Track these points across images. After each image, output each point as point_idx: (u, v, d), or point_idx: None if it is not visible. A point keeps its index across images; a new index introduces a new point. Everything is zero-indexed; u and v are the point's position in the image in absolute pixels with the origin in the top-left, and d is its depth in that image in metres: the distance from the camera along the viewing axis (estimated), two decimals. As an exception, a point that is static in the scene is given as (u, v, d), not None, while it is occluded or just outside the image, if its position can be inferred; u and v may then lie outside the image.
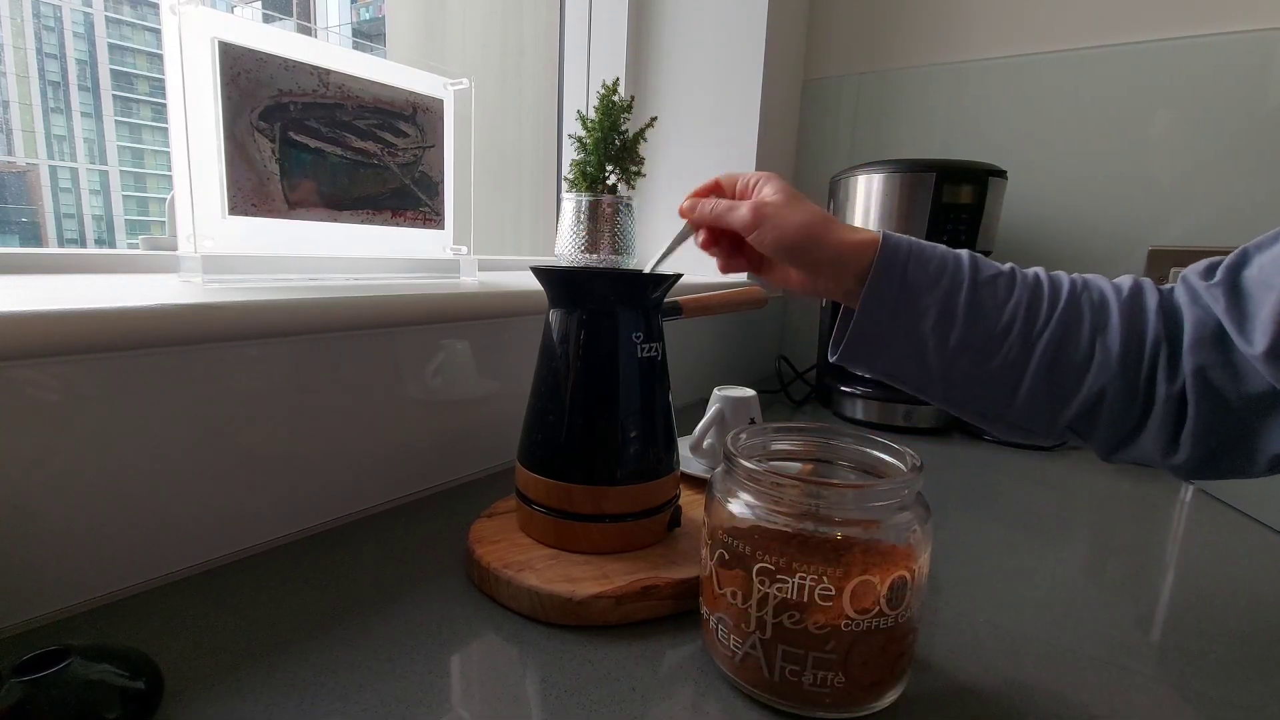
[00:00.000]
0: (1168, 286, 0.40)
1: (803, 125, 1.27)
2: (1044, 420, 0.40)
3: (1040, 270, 0.41)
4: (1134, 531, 0.64)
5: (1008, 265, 0.42)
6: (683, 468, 0.57)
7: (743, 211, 0.43)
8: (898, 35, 1.16)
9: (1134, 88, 0.98)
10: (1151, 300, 0.39)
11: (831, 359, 0.44)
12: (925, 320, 0.40)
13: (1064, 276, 0.41)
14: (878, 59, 1.18)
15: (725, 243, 0.48)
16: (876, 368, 0.43)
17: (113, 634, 0.38)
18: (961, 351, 0.40)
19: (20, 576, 0.37)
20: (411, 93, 0.63)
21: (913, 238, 0.43)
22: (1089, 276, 0.41)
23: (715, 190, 0.48)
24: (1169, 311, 0.38)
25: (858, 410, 0.97)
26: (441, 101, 0.66)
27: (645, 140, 0.50)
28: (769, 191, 0.44)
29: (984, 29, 1.09)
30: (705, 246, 0.48)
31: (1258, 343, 0.33)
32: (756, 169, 0.48)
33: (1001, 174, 0.90)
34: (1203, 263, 0.38)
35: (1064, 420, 0.40)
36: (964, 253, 0.42)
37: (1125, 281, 0.40)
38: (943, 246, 0.43)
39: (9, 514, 0.36)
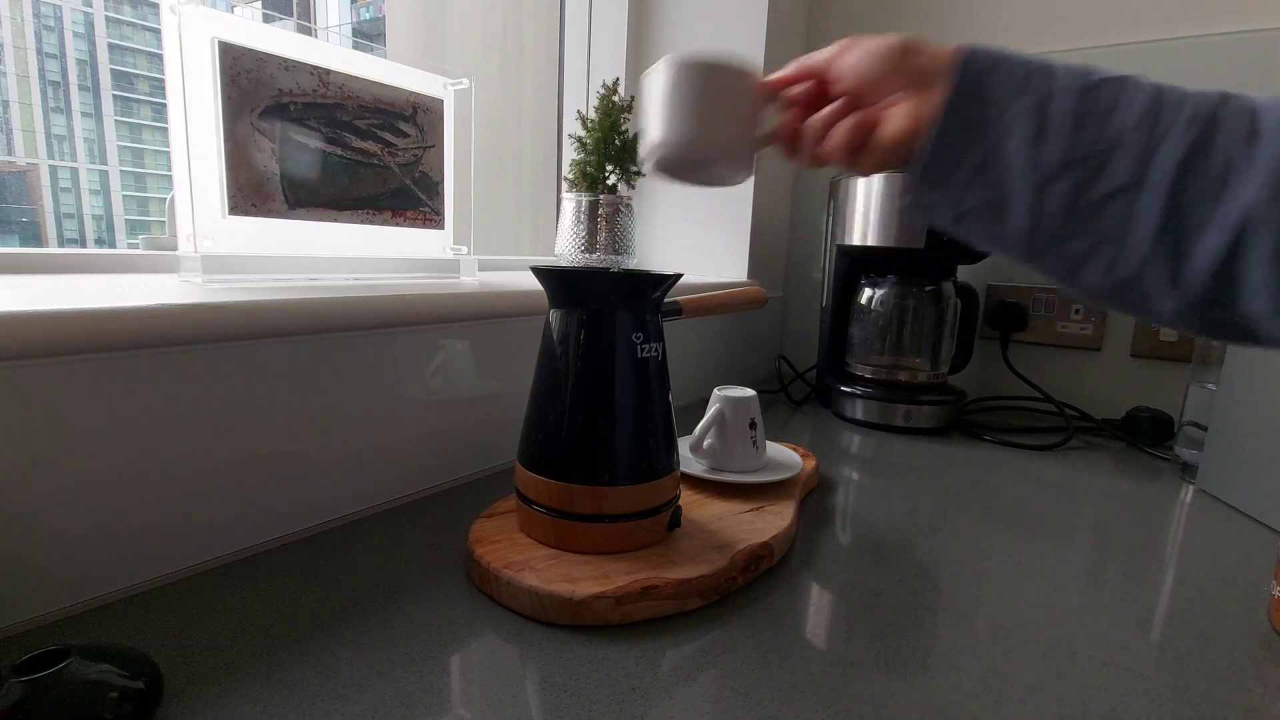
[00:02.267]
0: None
1: (803, 125, 1.27)
2: (1161, 275, 0.31)
3: (1163, 85, 0.33)
4: (1134, 531, 0.64)
5: (1116, 71, 0.33)
6: (683, 468, 0.57)
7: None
8: (898, 35, 1.16)
9: (1134, 88, 0.98)
10: None
11: (902, 202, 0.38)
12: (1011, 135, 0.33)
13: (1188, 90, 0.32)
14: (878, 59, 1.18)
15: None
16: (952, 203, 0.36)
17: (113, 634, 0.38)
18: (1059, 173, 0.32)
19: (20, 576, 0.37)
20: (411, 93, 0.63)
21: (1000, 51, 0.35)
22: (1229, 92, 0.32)
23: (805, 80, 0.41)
24: None
25: (858, 410, 0.97)
26: (441, 101, 0.66)
27: (645, 140, 0.50)
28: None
29: (984, 29, 1.09)
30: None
31: None
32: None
33: (1001, 174, 0.90)
34: None
35: (1188, 278, 0.31)
36: (1056, 60, 0.34)
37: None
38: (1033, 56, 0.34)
39: (9, 514, 0.36)
